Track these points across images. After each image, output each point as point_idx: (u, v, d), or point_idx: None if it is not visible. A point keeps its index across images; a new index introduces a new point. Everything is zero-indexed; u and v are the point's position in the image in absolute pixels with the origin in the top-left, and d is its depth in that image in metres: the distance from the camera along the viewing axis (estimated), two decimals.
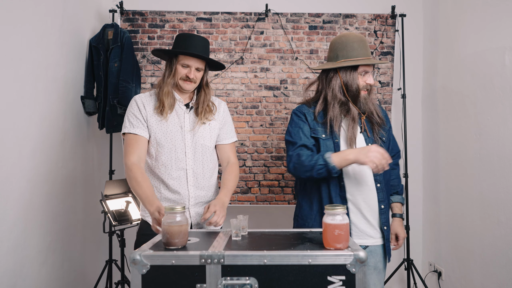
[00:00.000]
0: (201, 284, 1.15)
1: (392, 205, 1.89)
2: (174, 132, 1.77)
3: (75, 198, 2.59)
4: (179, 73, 1.76)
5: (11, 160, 1.92)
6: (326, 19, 2.91)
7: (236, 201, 2.90)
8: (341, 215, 1.22)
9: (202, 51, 1.77)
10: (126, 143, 1.76)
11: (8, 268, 1.88)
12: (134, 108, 1.79)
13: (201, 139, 1.80)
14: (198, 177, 1.79)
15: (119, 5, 2.86)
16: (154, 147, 1.77)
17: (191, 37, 1.78)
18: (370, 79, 1.72)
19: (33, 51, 2.11)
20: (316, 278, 1.14)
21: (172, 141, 1.76)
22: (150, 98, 1.81)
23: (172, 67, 1.78)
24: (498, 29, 2.21)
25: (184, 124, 1.79)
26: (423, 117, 3.11)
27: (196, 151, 1.79)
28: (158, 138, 1.75)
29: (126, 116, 1.80)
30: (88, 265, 2.79)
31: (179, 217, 1.27)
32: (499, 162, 2.18)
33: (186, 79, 1.77)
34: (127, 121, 1.78)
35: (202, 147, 1.80)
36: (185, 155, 1.77)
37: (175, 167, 1.76)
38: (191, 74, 1.76)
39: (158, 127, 1.76)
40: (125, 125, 1.78)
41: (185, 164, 1.77)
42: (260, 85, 2.91)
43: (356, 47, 1.70)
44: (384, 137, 1.78)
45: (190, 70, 1.76)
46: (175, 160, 1.75)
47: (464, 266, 2.53)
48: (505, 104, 2.13)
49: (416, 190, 3.10)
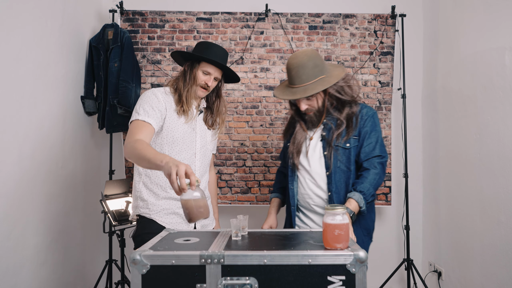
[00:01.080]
0: (201, 284, 1.15)
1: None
2: (189, 133, 1.79)
3: (75, 198, 2.59)
4: (199, 79, 1.77)
5: (11, 160, 1.92)
6: (326, 19, 2.91)
7: (236, 201, 2.90)
8: (341, 215, 1.22)
9: (224, 62, 1.80)
10: (131, 130, 1.65)
11: (8, 268, 1.88)
12: (153, 99, 1.73)
13: (207, 144, 1.87)
14: (201, 179, 1.85)
15: (119, 5, 2.86)
16: (169, 145, 1.75)
17: (214, 46, 1.80)
18: (302, 106, 1.80)
19: (33, 51, 2.11)
20: (316, 278, 1.14)
21: (187, 142, 1.78)
22: (167, 96, 1.78)
23: (193, 72, 1.78)
24: (498, 29, 2.21)
25: (196, 127, 1.82)
26: (423, 117, 3.11)
27: (203, 155, 1.84)
28: (176, 136, 1.75)
29: (139, 105, 1.72)
30: (88, 265, 2.79)
31: (197, 191, 1.30)
32: (499, 162, 2.18)
33: (204, 86, 1.79)
34: (141, 109, 1.69)
35: (206, 151, 1.86)
36: (194, 156, 1.80)
37: None
38: (210, 82, 1.78)
39: (177, 125, 1.76)
40: (137, 112, 1.69)
41: (194, 165, 1.80)
42: (260, 85, 2.91)
43: (291, 76, 1.77)
44: (346, 143, 1.78)
45: (210, 78, 1.78)
46: (187, 161, 1.77)
47: (464, 266, 2.53)
48: (505, 104, 2.13)
49: (416, 190, 3.10)
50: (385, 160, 1.80)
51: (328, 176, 1.78)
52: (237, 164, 2.90)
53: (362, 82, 2.91)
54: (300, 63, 1.74)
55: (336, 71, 1.81)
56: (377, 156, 1.78)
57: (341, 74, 1.78)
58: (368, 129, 1.79)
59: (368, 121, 1.80)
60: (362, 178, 1.74)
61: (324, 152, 1.80)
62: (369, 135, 1.79)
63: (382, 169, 1.78)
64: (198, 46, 1.82)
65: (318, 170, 1.81)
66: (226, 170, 2.90)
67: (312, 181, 1.82)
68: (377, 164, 1.76)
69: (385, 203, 2.92)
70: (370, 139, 1.78)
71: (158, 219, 1.75)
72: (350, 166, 1.78)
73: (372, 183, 1.72)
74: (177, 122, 1.77)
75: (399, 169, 3.03)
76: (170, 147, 1.76)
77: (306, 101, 1.78)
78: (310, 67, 1.73)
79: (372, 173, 1.74)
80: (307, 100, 1.78)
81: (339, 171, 1.77)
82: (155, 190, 1.76)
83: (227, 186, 2.90)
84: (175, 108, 1.77)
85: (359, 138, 1.79)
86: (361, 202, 1.69)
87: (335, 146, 1.77)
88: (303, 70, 1.73)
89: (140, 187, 1.78)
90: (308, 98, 1.77)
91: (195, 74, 1.77)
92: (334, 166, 1.77)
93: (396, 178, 3.05)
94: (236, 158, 2.90)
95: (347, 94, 1.79)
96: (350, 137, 1.78)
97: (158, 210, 1.76)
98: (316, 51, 1.82)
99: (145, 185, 1.78)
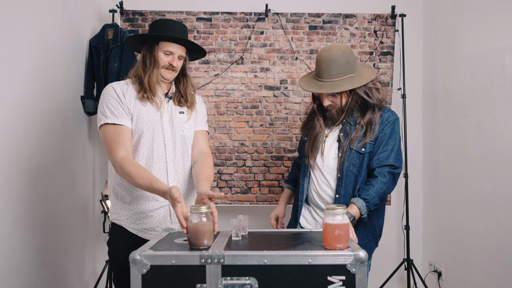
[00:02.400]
0: (201, 284, 1.15)
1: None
2: (155, 122, 1.64)
3: (75, 198, 2.59)
4: (162, 61, 1.62)
5: (11, 160, 1.92)
6: (326, 19, 2.91)
7: (236, 201, 2.90)
8: (341, 215, 1.22)
9: (185, 36, 1.65)
10: (108, 137, 1.55)
11: (8, 268, 1.88)
12: (113, 95, 1.59)
13: (180, 130, 1.69)
14: (178, 170, 1.68)
15: (119, 5, 2.86)
16: (135, 138, 1.62)
17: (171, 22, 1.64)
18: (325, 101, 1.75)
19: (33, 51, 2.11)
20: (316, 278, 1.14)
21: (154, 131, 1.63)
22: (127, 87, 1.65)
23: (153, 55, 1.62)
24: (498, 29, 2.20)
25: (163, 114, 1.66)
26: (423, 117, 3.11)
27: (176, 142, 1.67)
28: (140, 127, 1.61)
29: (102, 105, 1.59)
30: (88, 265, 2.79)
31: (205, 217, 1.26)
32: (499, 162, 2.18)
33: (169, 67, 1.64)
34: (106, 110, 1.57)
35: (181, 137, 1.69)
36: (164, 146, 1.64)
37: (156, 158, 1.62)
38: (174, 62, 1.63)
39: (140, 115, 1.61)
40: (104, 114, 1.57)
41: (164, 155, 1.64)
42: (260, 85, 2.91)
43: (321, 68, 1.72)
44: (362, 148, 1.73)
45: (174, 58, 1.63)
46: (156, 151, 1.62)
47: (464, 266, 2.53)
48: (505, 104, 2.13)
49: (416, 190, 3.10)
50: (398, 171, 1.73)
51: (339, 178, 1.75)
52: (237, 164, 2.90)
53: None
54: (333, 57, 1.68)
55: (367, 72, 1.75)
56: (390, 166, 1.71)
57: (372, 76, 1.72)
58: (386, 135, 1.72)
59: (388, 127, 1.73)
60: (369, 186, 1.68)
61: (339, 153, 1.76)
62: (386, 142, 1.72)
63: (392, 180, 1.72)
64: (154, 26, 1.66)
65: (331, 171, 1.78)
66: (226, 170, 2.90)
67: (324, 180, 1.80)
68: (387, 173, 1.70)
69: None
70: (386, 146, 1.72)
71: (128, 226, 1.63)
72: (361, 172, 1.73)
73: (378, 192, 1.67)
74: (141, 111, 1.62)
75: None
76: (137, 141, 1.62)
77: (331, 97, 1.73)
78: (342, 63, 1.68)
79: (380, 182, 1.68)
80: (332, 96, 1.72)
81: (350, 174, 1.74)
82: (121, 193, 1.63)
83: (227, 186, 2.90)
84: (137, 96, 1.62)
85: (375, 144, 1.73)
86: (363, 210, 1.64)
87: (350, 149, 1.73)
88: (334, 65, 1.68)
89: (110, 189, 1.67)
90: (333, 95, 1.72)
91: (155, 56, 1.62)
92: (346, 169, 1.73)
93: None
94: (236, 158, 2.90)
95: (374, 97, 1.73)
96: (367, 142, 1.72)
97: (127, 216, 1.63)
98: (350, 47, 1.76)
99: (114, 188, 1.65)
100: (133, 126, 1.61)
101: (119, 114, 1.57)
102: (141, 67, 1.65)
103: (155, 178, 1.45)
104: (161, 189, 1.41)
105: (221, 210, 2.68)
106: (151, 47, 1.63)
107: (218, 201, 2.88)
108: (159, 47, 1.62)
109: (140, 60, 1.67)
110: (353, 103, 1.75)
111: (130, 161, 1.51)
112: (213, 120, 2.89)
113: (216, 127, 2.90)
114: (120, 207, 1.64)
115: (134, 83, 1.66)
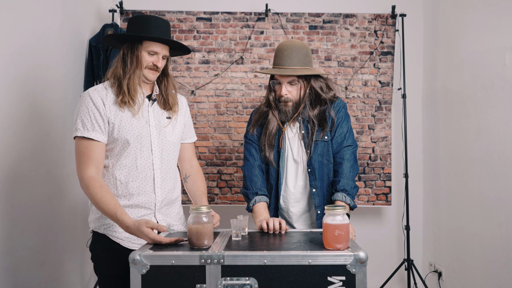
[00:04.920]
0: (201, 284, 1.15)
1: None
2: (140, 128, 1.55)
3: (75, 198, 2.59)
4: (145, 61, 1.53)
5: (11, 160, 1.92)
6: (326, 19, 2.91)
7: (236, 201, 2.90)
8: (341, 216, 1.22)
9: (168, 36, 1.58)
10: (80, 150, 1.49)
11: (8, 268, 1.88)
12: (90, 105, 1.50)
13: (168, 136, 1.62)
14: (165, 177, 1.62)
15: (119, 5, 2.86)
16: (119, 146, 1.54)
17: (154, 19, 1.55)
18: (283, 90, 1.76)
19: (33, 51, 2.11)
20: (316, 278, 1.14)
21: (139, 138, 1.55)
22: (107, 92, 1.55)
23: (135, 54, 1.53)
24: (498, 29, 2.20)
25: (149, 119, 1.58)
26: (423, 117, 3.11)
27: (163, 149, 1.61)
28: (123, 135, 1.52)
29: (76, 116, 1.51)
30: (88, 265, 2.79)
31: (205, 217, 1.28)
32: (499, 162, 2.18)
33: (152, 68, 1.55)
34: (79, 122, 1.49)
35: (169, 144, 1.63)
36: (151, 153, 1.57)
37: (142, 167, 1.55)
38: (159, 63, 1.55)
39: (123, 123, 1.52)
40: (77, 127, 1.50)
41: (151, 163, 1.57)
42: (260, 85, 2.91)
43: (283, 56, 1.74)
44: (324, 136, 1.80)
45: (158, 58, 1.55)
46: (142, 159, 1.55)
47: (465, 266, 2.53)
48: (505, 104, 2.13)
49: (416, 190, 3.10)
50: (356, 149, 1.84)
51: (310, 172, 1.78)
52: (237, 164, 2.89)
53: (362, 82, 2.91)
54: (295, 47, 1.75)
55: (320, 71, 1.83)
56: (348, 146, 1.80)
57: (324, 74, 1.83)
58: (341, 119, 1.82)
59: (340, 111, 1.83)
60: (339, 175, 1.76)
61: (307, 150, 1.79)
62: (341, 124, 1.81)
63: (354, 160, 1.80)
64: (135, 23, 1.56)
65: (297, 166, 1.81)
66: (226, 170, 2.90)
67: (292, 176, 1.82)
68: (349, 155, 1.78)
69: (385, 203, 2.91)
70: (342, 129, 1.81)
71: (111, 235, 1.55)
72: (330, 159, 1.80)
73: (349, 177, 1.74)
74: (123, 118, 1.53)
75: (399, 169, 3.02)
76: (120, 149, 1.54)
77: (289, 87, 1.76)
78: (302, 54, 1.75)
79: (346, 167, 1.76)
80: (290, 85, 1.75)
81: (320, 165, 1.79)
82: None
83: (227, 186, 2.90)
84: (116, 100, 1.52)
85: (332, 129, 1.81)
86: (347, 200, 1.69)
87: (315, 142, 1.78)
88: (296, 53, 1.74)
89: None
90: (291, 84, 1.75)
91: (138, 56, 1.53)
92: (315, 161, 1.78)
93: (396, 178, 3.05)
94: (236, 158, 2.90)
95: (327, 93, 1.81)
96: (327, 130, 1.80)
97: (109, 224, 1.55)
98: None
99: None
100: (115, 134, 1.52)
101: (91, 126, 1.49)
102: (120, 67, 1.54)
103: (121, 208, 1.41)
104: (125, 222, 1.37)
105: (221, 210, 2.68)
106: (134, 46, 1.54)
107: (218, 201, 2.88)
108: (142, 47, 1.53)
109: (119, 59, 1.56)
110: (307, 98, 1.79)
111: (98, 182, 1.45)
112: (213, 120, 2.89)
113: (216, 127, 2.90)
114: (103, 216, 1.56)
115: (112, 86, 1.56)
